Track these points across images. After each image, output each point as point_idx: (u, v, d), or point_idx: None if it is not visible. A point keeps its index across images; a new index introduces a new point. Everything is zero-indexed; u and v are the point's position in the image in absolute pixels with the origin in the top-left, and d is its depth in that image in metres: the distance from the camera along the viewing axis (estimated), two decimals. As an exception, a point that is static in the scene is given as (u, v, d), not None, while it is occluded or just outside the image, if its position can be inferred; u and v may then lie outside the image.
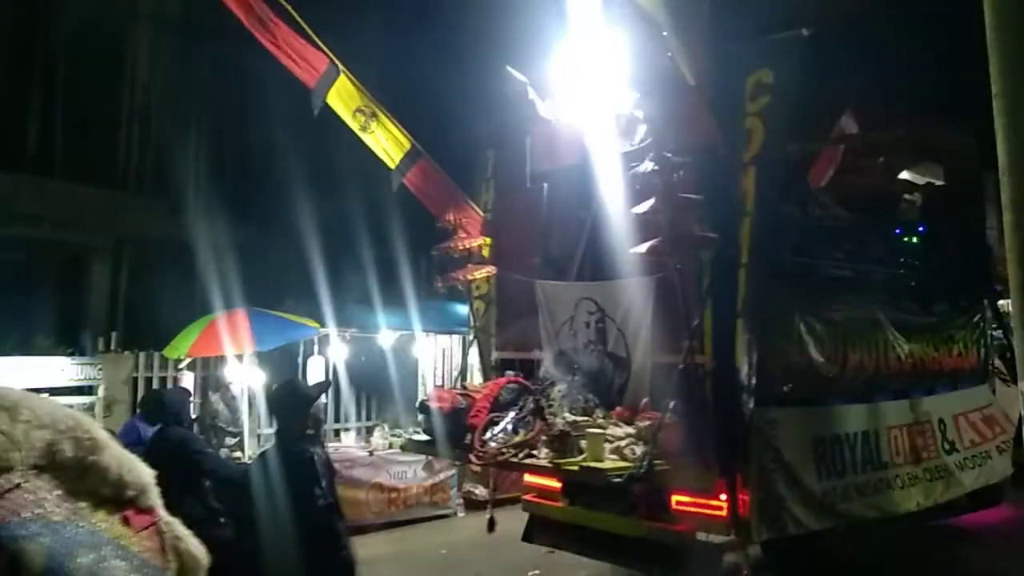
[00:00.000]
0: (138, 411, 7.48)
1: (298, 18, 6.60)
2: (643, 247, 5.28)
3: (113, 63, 13.62)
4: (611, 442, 5.30)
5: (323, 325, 9.56)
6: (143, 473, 2.59)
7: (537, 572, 6.98)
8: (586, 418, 5.67)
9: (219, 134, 14.81)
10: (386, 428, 10.49)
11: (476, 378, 7.45)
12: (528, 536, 6.45)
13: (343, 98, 6.93)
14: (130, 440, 6.02)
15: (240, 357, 9.14)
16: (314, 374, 9.86)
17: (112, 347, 9.73)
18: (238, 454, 8.58)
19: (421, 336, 10.57)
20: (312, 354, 9.93)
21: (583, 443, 5.35)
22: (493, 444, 5.59)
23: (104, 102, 13.44)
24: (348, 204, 12.70)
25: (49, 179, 12.98)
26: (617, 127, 6.05)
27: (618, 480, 4.96)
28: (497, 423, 5.73)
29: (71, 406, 6.66)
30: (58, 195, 12.85)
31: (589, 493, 5.86)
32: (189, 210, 13.24)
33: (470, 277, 7.25)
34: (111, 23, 13.59)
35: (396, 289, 10.59)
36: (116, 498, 2.56)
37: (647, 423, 5.31)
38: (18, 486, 2.50)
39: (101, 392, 8.77)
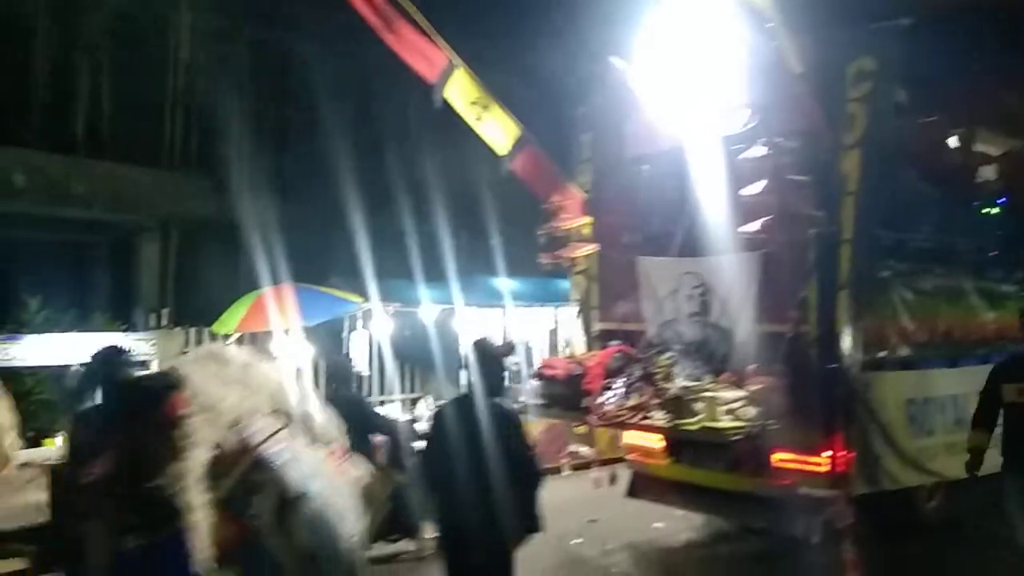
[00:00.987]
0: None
1: (418, 17, 7.02)
2: (754, 225, 5.90)
3: (157, 44, 13.82)
4: (724, 405, 5.90)
5: (367, 300, 9.70)
6: (333, 420, 3.40)
7: (660, 524, 7.30)
8: (698, 383, 6.28)
9: (262, 112, 14.99)
10: (430, 400, 10.65)
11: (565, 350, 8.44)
12: (632, 492, 6.98)
13: (460, 91, 7.40)
14: None
15: (287, 332, 9.34)
16: (358, 348, 10.04)
17: (163, 323, 9.99)
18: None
19: (463, 309, 10.67)
20: (356, 328, 10.09)
21: (697, 406, 5.95)
22: (608, 407, 6.18)
23: (149, 83, 13.65)
24: (391, 180, 12.82)
25: (98, 161, 13.25)
26: (719, 111, 6.49)
27: (737, 438, 5.61)
28: (610, 388, 6.30)
29: None
30: (107, 176, 13.12)
31: (693, 451, 6.40)
32: (234, 188, 13.44)
33: (574, 255, 7.96)
34: (154, 4, 13.78)
35: (438, 264, 10.70)
36: (319, 439, 3.31)
37: (757, 387, 5.90)
38: (278, 430, 3.24)
39: (155, 367, 8.99)
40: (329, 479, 3.28)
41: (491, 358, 4.43)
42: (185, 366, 4.34)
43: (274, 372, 4.63)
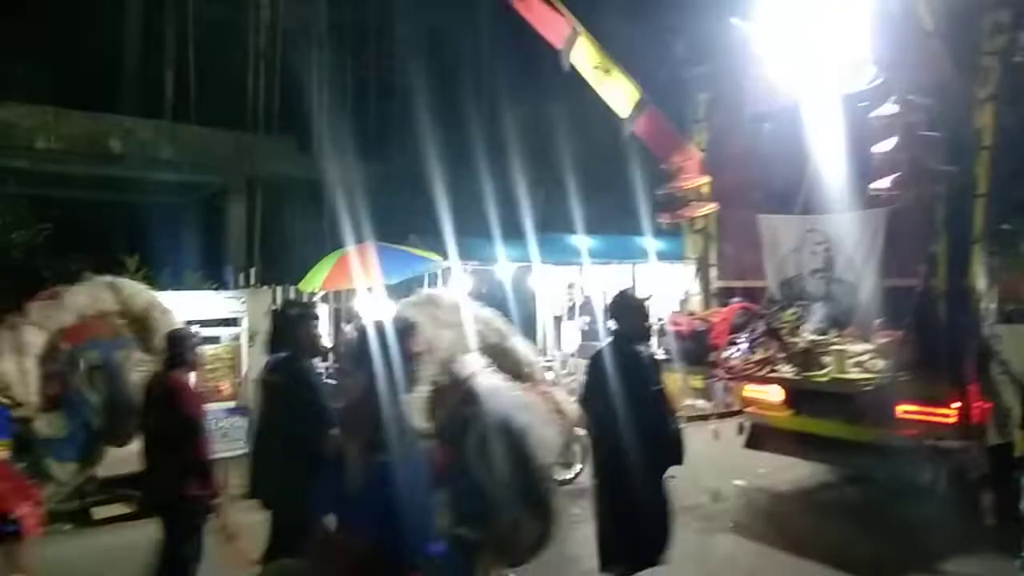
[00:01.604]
0: None
1: None
2: (884, 182, 5.88)
3: (240, 7, 14.08)
4: (852, 357, 6.04)
5: (445, 258, 9.80)
6: (532, 354, 3.74)
7: (763, 470, 7.49)
8: (824, 337, 6.40)
9: (344, 73, 15.17)
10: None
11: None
12: (751, 443, 7.13)
13: (583, 57, 7.80)
14: None
15: (369, 289, 9.54)
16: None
17: (251, 282, 10.31)
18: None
19: (539, 267, 10.68)
20: (436, 286, 10.22)
21: (825, 359, 6.10)
22: (734, 361, 6.40)
23: (233, 47, 13.95)
24: (471, 139, 12.84)
25: (186, 125, 13.68)
26: (845, 68, 6.49)
27: (868, 389, 5.73)
28: (734, 344, 6.50)
29: (219, 337, 7.08)
30: (194, 139, 13.55)
31: (815, 403, 6.48)
32: (316, 148, 13.69)
33: (693, 214, 8.16)
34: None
35: (515, 221, 10.72)
36: (520, 374, 3.61)
37: (884, 340, 6.00)
38: (485, 366, 3.61)
39: (245, 324, 9.30)
40: (529, 410, 3.54)
41: (635, 308, 4.70)
42: (407, 309, 4.88)
43: (481, 313, 5.15)
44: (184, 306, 8.83)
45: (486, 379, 3.57)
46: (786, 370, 6.27)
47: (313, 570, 2.52)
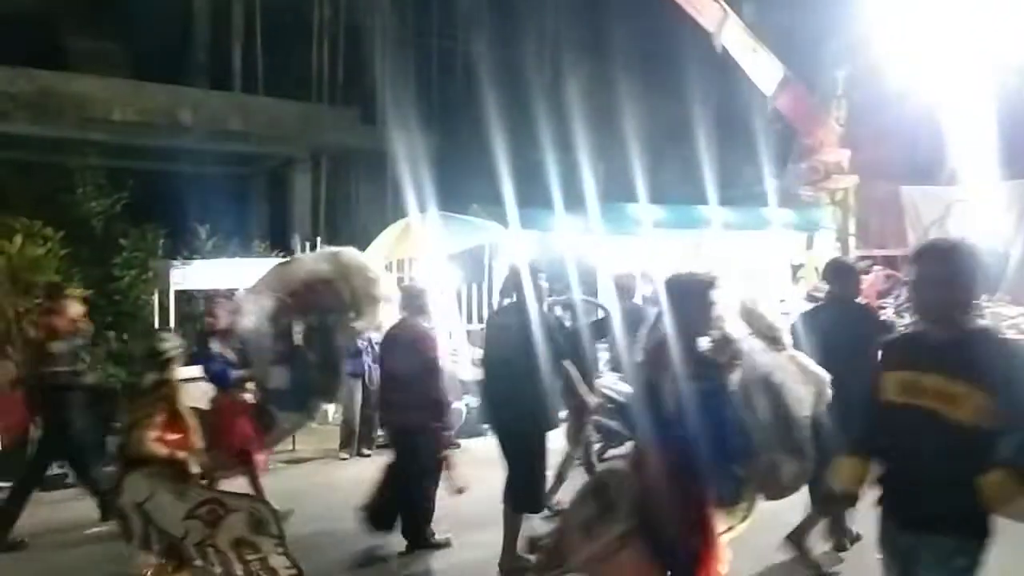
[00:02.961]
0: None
1: None
2: None
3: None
4: (1006, 320, 6.44)
5: (507, 228, 9.79)
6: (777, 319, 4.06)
7: None
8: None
9: (408, 44, 15.20)
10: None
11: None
12: None
13: (733, 37, 8.72)
14: None
15: (433, 258, 9.62)
16: (499, 274, 10.21)
17: (316, 251, 10.46)
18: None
19: (601, 237, 10.58)
20: (497, 256, 10.24)
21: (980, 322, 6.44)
22: None
23: (299, 19, 14.10)
24: (533, 109, 12.75)
25: (253, 96, 13.92)
26: (995, 46, 6.94)
27: None
28: (882, 308, 6.78)
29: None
30: (261, 111, 13.79)
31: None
32: (380, 119, 13.78)
33: (835, 187, 8.83)
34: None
35: (578, 191, 10.63)
36: (771, 337, 3.82)
37: None
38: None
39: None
40: (783, 369, 3.87)
41: (691, 295, 4.44)
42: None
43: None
44: (252, 275, 9.10)
45: (746, 341, 3.83)
46: None
47: (632, 475, 2.96)
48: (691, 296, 3.15)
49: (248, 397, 5.70)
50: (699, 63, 14.25)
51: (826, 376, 4.05)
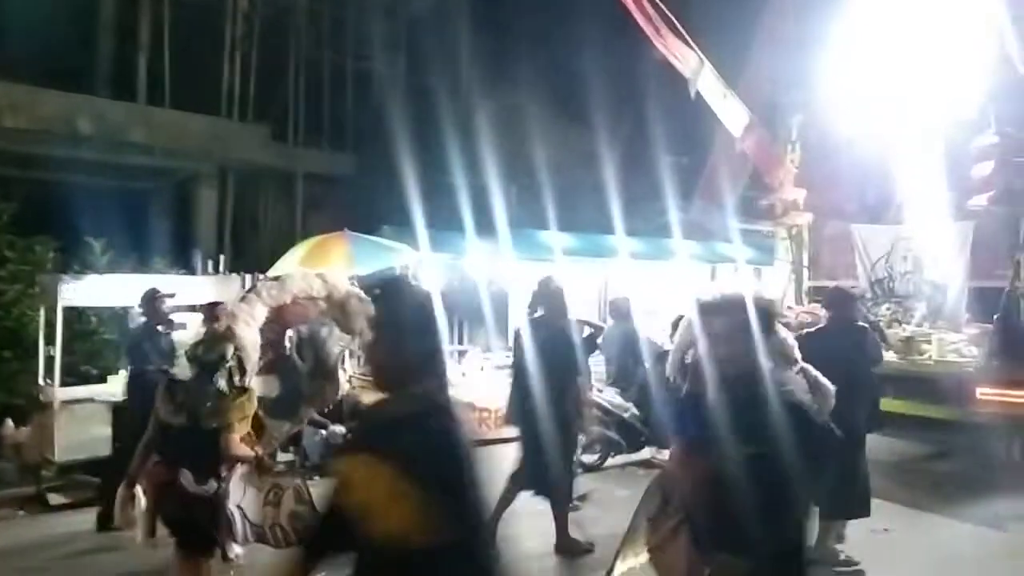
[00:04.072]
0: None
1: (679, 26, 9.42)
2: (982, 199, 7.39)
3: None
4: (949, 345, 7.34)
5: (418, 250, 9.76)
6: (791, 337, 4.68)
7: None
8: (920, 327, 7.80)
9: (319, 61, 15.06)
10: (478, 351, 10.75)
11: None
12: None
13: (707, 84, 9.52)
14: None
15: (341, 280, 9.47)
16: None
17: (220, 269, 10.18)
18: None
19: (512, 263, 10.68)
20: (409, 277, 10.18)
21: (924, 346, 7.40)
22: None
23: (208, 32, 13.80)
24: (443, 131, 12.81)
25: (158, 108, 13.51)
26: (943, 101, 7.98)
27: (969, 371, 7.02)
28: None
29: (185, 324, 7.14)
30: (166, 123, 13.38)
31: (904, 386, 7.45)
32: (290, 136, 13.58)
33: (793, 223, 10.03)
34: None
35: (488, 216, 10.71)
36: (782, 354, 4.12)
37: (975, 331, 7.41)
38: None
39: (213, 310, 9.19)
40: (796, 384, 3.99)
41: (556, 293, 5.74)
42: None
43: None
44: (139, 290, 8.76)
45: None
46: (888, 356, 7.12)
47: (673, 478, 3.14)
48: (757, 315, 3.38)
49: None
50: (609, 95, 14.66)
51: (832, 389, 4.49)
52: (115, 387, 8.34)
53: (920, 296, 8.50)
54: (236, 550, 4.05)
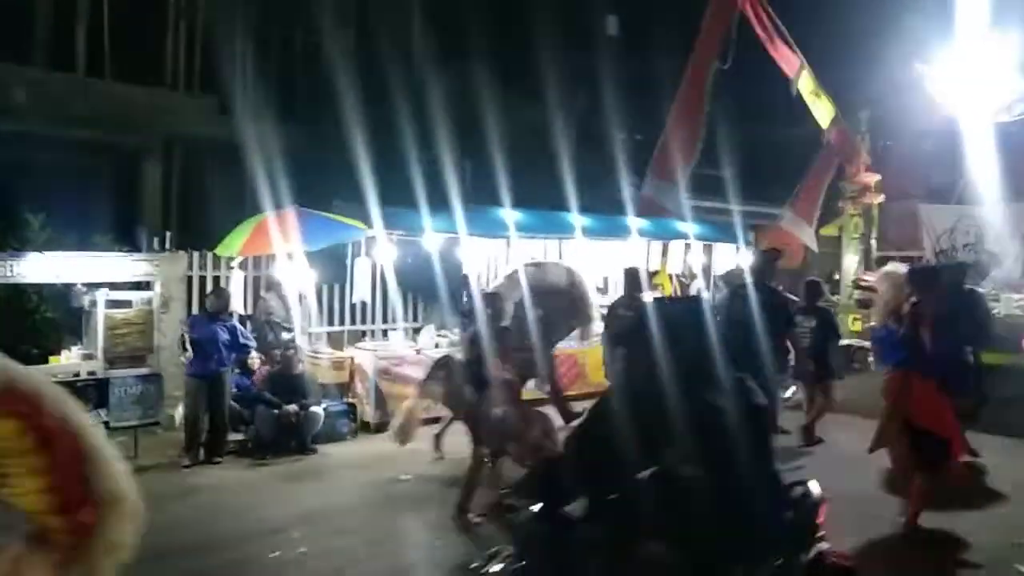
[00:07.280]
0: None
1: (784, 30, 11.79)
2: None
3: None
4: (1015, 302, 9.44)
5: (370, 227, 9.65)
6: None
7: None
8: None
9: (267, 32, 14.70)
10: (433, 329, 10.70)
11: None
12: None
13: (804, 84, 11.82)
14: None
15: (290, 256, 9.33)
16: (361, 275, 10.05)
17: (166, 246, 9.93)
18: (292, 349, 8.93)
19: (466, 239, 10.61)
20: (359, 255, 10.08)
21: (994, 304, 9.04)
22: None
23: (150, 1, 13.38)
24: (396, 107, 12.64)
25: (99, 80, 13.07)
26: (998, 101, 10.04)
27: None
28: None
29: (131, 302, 7.04)
30: (109, 96, 12.96)
31: None
32: (238, 109, 13.26)
33: (870, 202, 12.42)
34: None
35: (442, 192, 10.63)
36: None
37: None
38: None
39: (158, 288, 9.00)
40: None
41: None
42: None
43: None
44: (94, 269, 8.54)
45: None
46: None
47: None
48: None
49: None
50: (562, 72, 14.61)
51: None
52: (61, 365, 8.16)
53: (979, 264, 9.95)
54: None
